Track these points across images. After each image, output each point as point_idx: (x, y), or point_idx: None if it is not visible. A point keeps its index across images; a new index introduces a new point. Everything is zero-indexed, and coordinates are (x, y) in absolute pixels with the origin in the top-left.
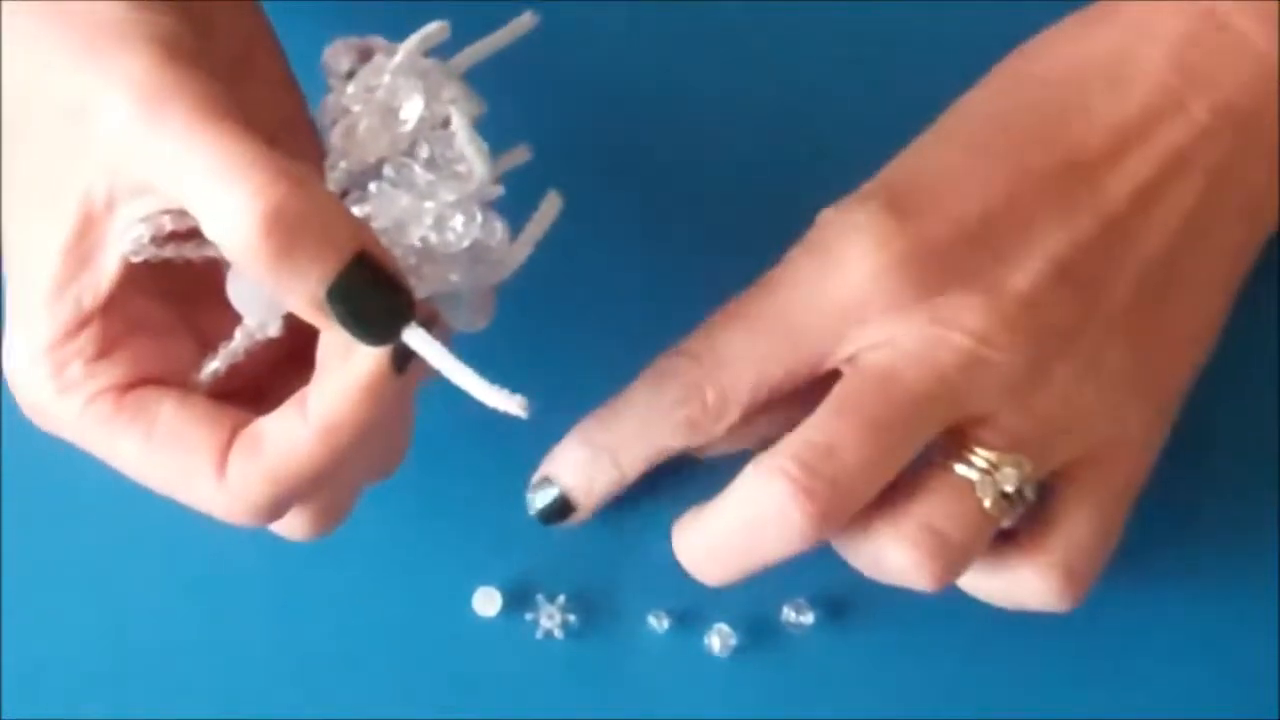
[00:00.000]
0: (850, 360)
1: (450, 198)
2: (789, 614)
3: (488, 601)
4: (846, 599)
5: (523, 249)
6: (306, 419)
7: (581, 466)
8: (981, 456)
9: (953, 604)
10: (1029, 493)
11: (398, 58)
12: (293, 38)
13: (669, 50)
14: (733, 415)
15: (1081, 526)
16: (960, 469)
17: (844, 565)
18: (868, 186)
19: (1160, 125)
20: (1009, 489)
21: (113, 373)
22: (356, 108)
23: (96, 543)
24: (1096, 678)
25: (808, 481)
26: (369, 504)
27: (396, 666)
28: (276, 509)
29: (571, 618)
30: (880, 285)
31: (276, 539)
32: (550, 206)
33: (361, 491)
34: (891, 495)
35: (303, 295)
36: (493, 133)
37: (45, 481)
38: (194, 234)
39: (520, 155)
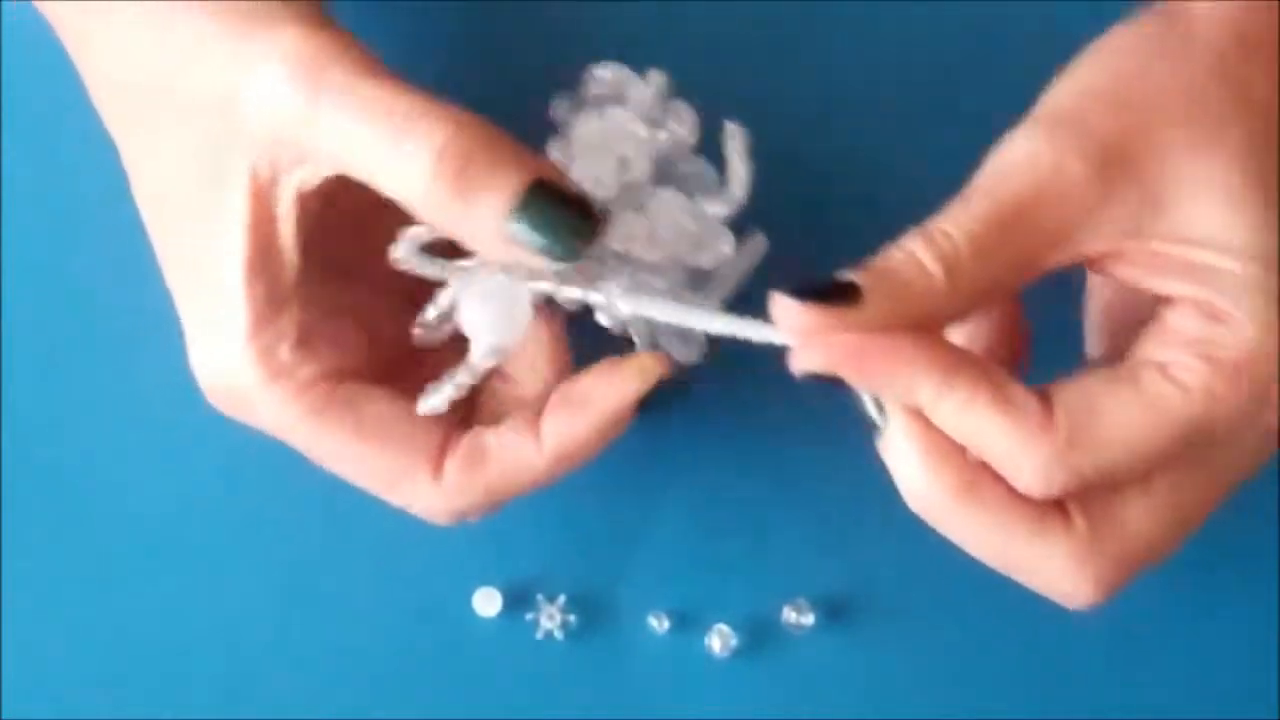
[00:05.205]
0: None
1: (711, 211)
2: (789, 615)
3: (488, 601)
4: (847, 600)
5: (727, 284)
6: (540, 443)
7: None
8: None
9: (953, 605)
10: None
11: (651, 89)
12: None
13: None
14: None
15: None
16: None
17: (845, 566)
18: None
19: None
20: None
21: (319, 361)
22: (608, 137)
23: (96, 543)
24: (1096, 678)
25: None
26: (370, 504)
27: (397, 666)
28: (480, 515)
29: (572, 618)
30: None
31: (274, 539)
32: (755, 247)
33: None
34: None
35: (486, 229)
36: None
37: (45, 481)
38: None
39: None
